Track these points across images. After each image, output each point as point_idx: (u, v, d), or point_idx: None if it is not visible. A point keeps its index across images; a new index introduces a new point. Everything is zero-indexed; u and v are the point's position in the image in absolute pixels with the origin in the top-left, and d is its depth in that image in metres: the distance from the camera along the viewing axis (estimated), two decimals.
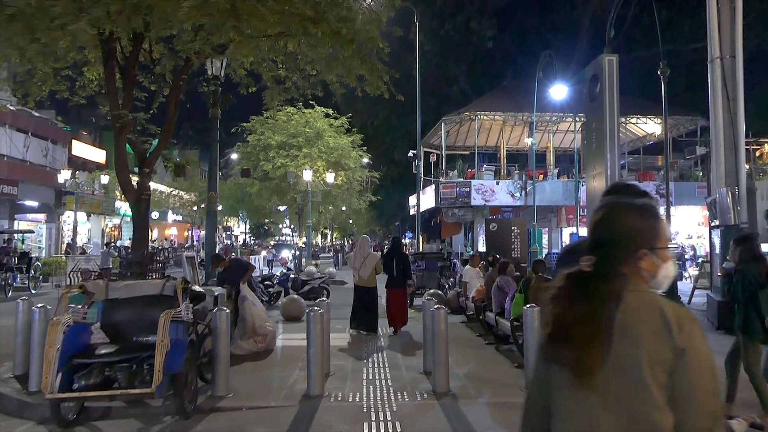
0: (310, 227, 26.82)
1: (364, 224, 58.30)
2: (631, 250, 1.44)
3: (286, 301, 11.18)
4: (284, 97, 10.78)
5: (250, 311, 8.00)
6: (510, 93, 27.77)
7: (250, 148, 26.76)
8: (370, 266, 9.48)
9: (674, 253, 1.56)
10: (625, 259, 1.44)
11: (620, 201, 1.51)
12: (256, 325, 7.88)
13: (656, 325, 1.35)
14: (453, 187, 23.48)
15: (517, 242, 11.35)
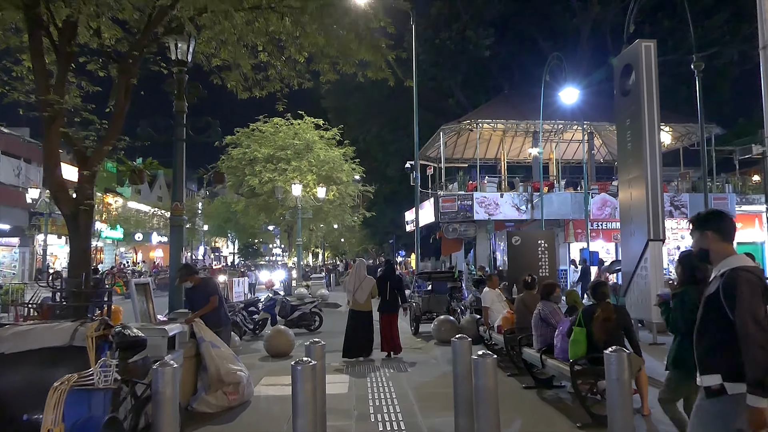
0: (300, 246, 25.00)
1: (356, 243, 56.49)
2: None
3: (271, 334, 9.33)
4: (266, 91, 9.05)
5: (210, 356, 6.16)
6: (511, 101, 26.28)
7: (235, 162, 25.03)
8: (366, 290, 9.11)
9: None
10: None
11: None
12: (222, 373, 6.06)
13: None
14: (454, 201, 21.79)
15: (545, 258, 9.62)
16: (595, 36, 33.23)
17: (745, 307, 2.62)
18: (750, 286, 2.67)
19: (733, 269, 2.74)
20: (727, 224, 2.95)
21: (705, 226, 2.96)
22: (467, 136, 27.22)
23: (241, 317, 12.31)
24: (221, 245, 72.19)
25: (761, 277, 2.72)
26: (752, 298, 2.64)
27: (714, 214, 3.03)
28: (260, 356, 9.28)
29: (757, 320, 2.59)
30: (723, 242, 2.88)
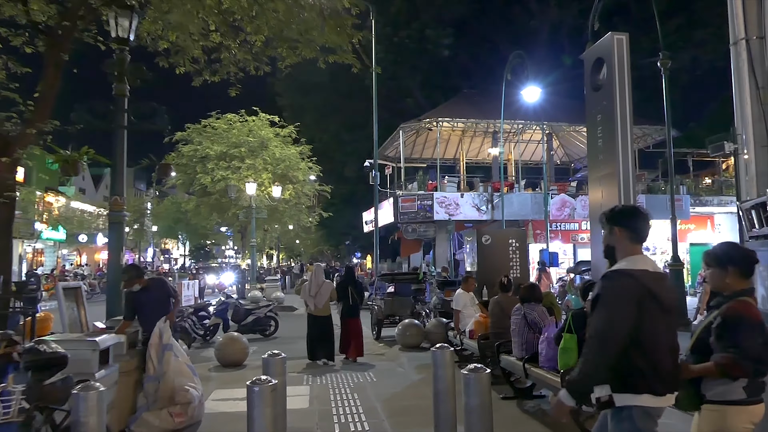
0: (254, 247, 24.06)
1: (312, 244, 55.58)
2: None
3: (223, 341, 8.55)
4: (218, 77, 8.31)
5: (170, 367, 5.42)
6: (471, 100, 26.02)
7: (186, 160, 23.91)
8: (325, 295, 9.03)
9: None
10: None
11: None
12: (176, 389, 5.31)
13: None
14: (413, 201, 21.30)
15: (516, 258, 9.14)
16: (553, 38, 33.41)
17: (598, 313, 2.47)
18: (615, 291, 2.48)
19: (607, 272, 2.58)
20: (640, 223, 2.70)
21: (615, 222, 2.73)
22: (426, 136, 26.82)
23: (191, 323, 11.44)
24: (172, 247, 69.94)
25: (645, 283, 2.49)
26: (612, 304, 2.45)
27: (627, 210, 2.82)
28: (211, 366, 8.50)
29: (603, 329, 2.43)
30: (631, 242, 2.65)
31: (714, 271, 2.89)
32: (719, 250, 2.93)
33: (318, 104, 36.92)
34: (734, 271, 2.81)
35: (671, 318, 2.57)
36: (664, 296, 2.52)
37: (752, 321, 2.69)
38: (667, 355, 2.50)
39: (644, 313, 2.44)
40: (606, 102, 9.67)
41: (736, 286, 2.81)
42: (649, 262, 2.64)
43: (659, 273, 2.63)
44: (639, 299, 2.45)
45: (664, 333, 2.50)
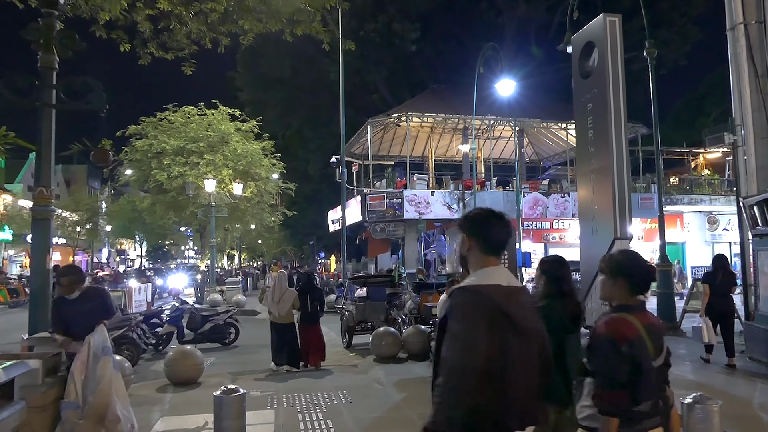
0: (213, 247, 22.78)
1: (275, 244, 54.18)
2: None
3: (173, 356, 7.43)
4: (172, 54, 7.25)
5: (105, 379, 4.42)
6: (440, 95, 25.28)
7: (140, 155, 22.50)
8: (288, 302, 8.96)
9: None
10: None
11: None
12: (109, 407, 4.29)
13: None
14: (382, 199, 20.41)
15: (505, 258, 8.27)
16: (521, 35, 32.92)
17: (446, 341, 2.12)
18: (463, 311, 2.11)
19: (452, 290, 2.25)
20: (495, 231, 2.29)
21: (465, 229, 2.33)
22: (394, 132, 26.00)
23: (140, 332, 10.28)
24: (128, 247, 67.47)
25: (495, 300, 2.11)
26: (459, 324, 2.09)
27: (480, 216, 2.34)
28: (159, 384, 7.40)
29: (457, 361, 2.04)
30: (483, 253, 2.27)
31: (604, 279, 2.69)
32: (616, 259, 2.69)
33: (280, 100, 35.72)
34: (623, 283, 2.59)
35: (529, 341, 2.15)
36: (519, 316, 2.13)
37: (615, 342, 2.43)
38: (521, 386, 2.09)
39: (494, 336, 2.05)
40: (597, 90, 8.96)
41: (621, 299, 2.60)
42: (503, 275, 2.23)
43: (514, 288, 2.21)
44: (490, 319, 2.06)
45: (519, 360, 2.09)
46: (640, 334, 2.48)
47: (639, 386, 2.43)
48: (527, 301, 2.27)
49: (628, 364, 2.43)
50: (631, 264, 2.65)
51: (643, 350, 2.48)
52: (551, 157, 29.48)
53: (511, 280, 2.23)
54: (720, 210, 24.58)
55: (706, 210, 24.49)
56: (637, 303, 2.62)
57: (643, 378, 2.44)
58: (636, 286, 2.61)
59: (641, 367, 2.44)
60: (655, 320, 2.72)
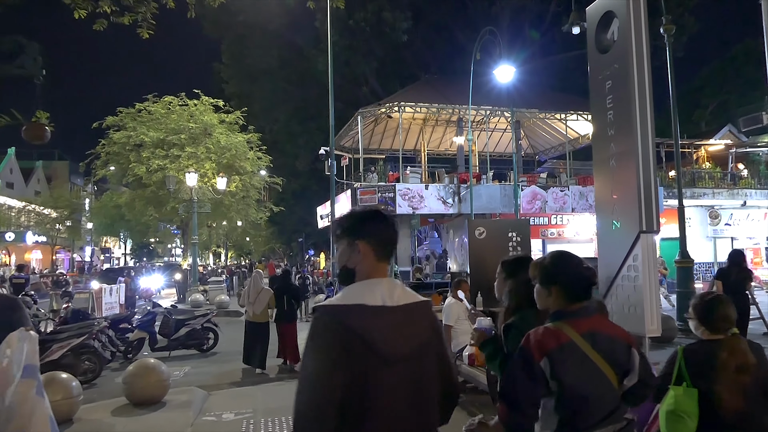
0: (196, 245, 21.65)
1: (263, 242, 53.01)
2: None
3: (133, 371, 6.30)
4: (128, 17, 6.17)
5: (27, 405, 3.38)
6: (434, 85, 24.27)
7: (118, 148, 21.33)
8: (264, 301, 9.10)
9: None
10: None
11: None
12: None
13: None
14: (374, 193, 19.36)
15: None
16: (514, 25, 31.99)
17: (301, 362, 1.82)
18: (313, 337, 1.77)
19: (314, 308, 1.87)
20: (385, 232, 1.92)
21: (357, 233, 1.91)
22: (385, 125, 24.98)
23: (105, 339, 9.19)
24: (113, 246, 66.03)
25: (351, 325, 1.73)
26: (306, 354, 1.77)
27: (368, 214, 1.97)
28: (117, 405, 6.31)
29: (299, 389, 1.75)
30: (378, 260, 1.89)
31: (538, 289, 2.38)
32: (545, 265, 2.36)
33: (267, 92, 34.58)
34: (558, 292, 2.29)
35: (400, 371, 1.78)
36: (384, 342, 1.76)
37: (528, 354, 2.14)
38: (386, 426, 1.75)
39: (348, 368, 1.71)
40: (618, 65, 7.93)
41: (558, 306, 2.28)
42: (382, 289, 1.84)
43: (387, 307, 1.80)
44: (342, 348, 1.72)
45: (386, 395, 1.74)
46: (569, 344, 2.11)
47: (567, 414, 2.10)
48: (408, 322, 1.85)
49: (542, 385, 2.10)
50: (564, 269, 2.30)
51: (574, 366, 2.11)
52: (547, 150, 28.58)
53: (392, 295, 1.84)
54: (722, 204, 23.81)
55: (707, 204, 23.70)
56: (576, 308, 2.24)
57: (571, 403, 2.09)
58: (572, 293, 2.26)
59: (567, 389, 2.08)
60: (609, 328, 2.29)
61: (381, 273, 1.91)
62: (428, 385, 1.87)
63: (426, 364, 1.87)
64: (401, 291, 1.89)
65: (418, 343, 1.85)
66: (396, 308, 1.82)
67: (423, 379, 1.84)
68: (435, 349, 1.91)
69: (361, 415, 1.73)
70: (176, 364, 9.80)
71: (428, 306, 1.97)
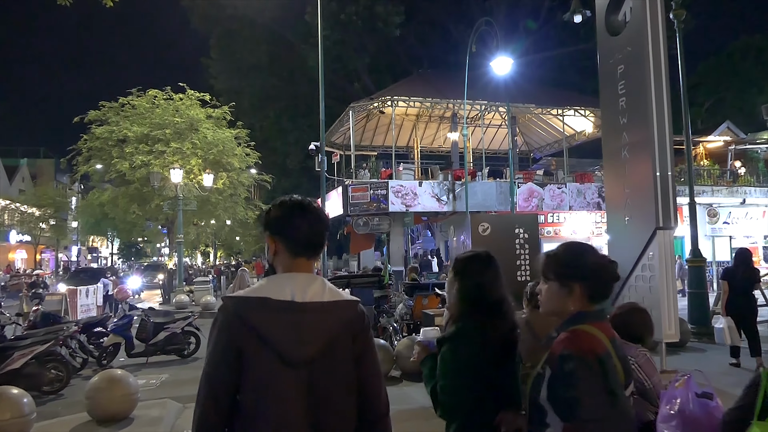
0: (181, 244, 20.90)
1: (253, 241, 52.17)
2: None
3: (96, 384, 5.55)
4: None
5: None
6: (427, 80, 23.68)
7: (100, 143, 20.55)
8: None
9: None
10: None
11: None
12: None
13: None
14: (366, 190, 18.72)
15: (525, 254, 6.57)
16: (508, 20, 31.44)
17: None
18: (212, 328, 1.72)
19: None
20: (299, 225, 1.79)
21: (268, 226, 1.84)
22: (377, 121, 24.37)
23: (75, 345, 8.49)
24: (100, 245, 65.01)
25: (248, 319, 1.65)
26: (208, 345, 1.71)
27: (281, 206, 1.84)
28: (78, 423, 5.61)
29: (201, 389, 1.67)
30: (290, 255, 1.79)
31: (550, 288, 1.92)
32: (563, 258, 1.92)
33: (256, 88, 33.84)
34: (580, 289, 1.86)
35: (312, 378, 1.65)
36: (282, 340, 1.62)
37: (586, 360, 1.71)
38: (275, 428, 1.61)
39: (247, 366, 1.62)
40: (631, 47, 7.34)
41: (580, 307, 1.86)
42: (294, 284, 1.71)
43: (294, 304, 1.67)
44: (235, 342, 1.62)
45: (288, 404, 1.62)
46: (609, 351, 1.81)
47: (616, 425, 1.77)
48: (318, 321, 1.68)
49: (604, 392, 1.74)
50: (587, 261, 1.90)
51: (616, 374, 1.82)
52: (542, 147, 28.06)
53: (304, 291, 1.70)
54: (720, 202, 23.36)
55: (706, 202, 23.23)
56: (597, 310, 1.93)
57: (621, 413, 1.79)
58: (598, 291, 1.90)
59: (618, 398, 1.78)
60: (617, 335, 1.99)
61: (300, 269, 1.79)
62: (335, 397, 1.69)
63: (337, 371, 1.70)
64: (319, 288, 1.74)
65: (329, 347, 1.69)
66: (306, 305, 1.69)
67: (330, 388, 1.68)
68: (352, 355, 1.74)
69: (251, 419, 1.63)
70: (153, 371, 9.12)
71: (352, 307, 1.79)
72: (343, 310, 1.76)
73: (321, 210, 1.88)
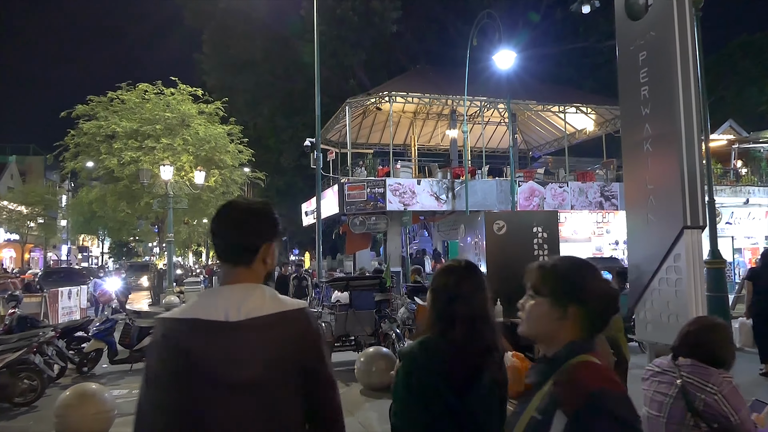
0: (171, 243, 20.24)
1: None
2: None
3: (66, 402, 4.80)
4: None
5: None
6: (425, 77, 23.13)
7: (88, 138, 19.87)
8: None
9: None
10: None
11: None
12: None
13: None
14: (362, 188, 18.14)
15: (544, 255, 6.00)
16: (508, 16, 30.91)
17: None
18: (148, 349, 1.64)
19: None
20: (221, 229, 1.69)
21: (211, 231, 1.77)
22: (373, 118, 23.83)
23: (53, 352, 7.87)
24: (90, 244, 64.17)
25: (179, 340, 1.54)
26: (145, 365, 1.64)
27: (219, 210, 1.73)
28: None
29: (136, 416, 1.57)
30: (222, 260, 1.70)
31: (541, 305, 1.56)
32: (569, 273, 1.56)
33: (250, 85, 33.17)
34: (577, 314, 1.52)
35: (255, 402, 1.51)
36: (220, 366, 1.50)
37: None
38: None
39: (176, 391, 1.49)
40: (655, 32, 6.80)
41: (574, 336, 1.52)
42: (235, 297, 1.58)
43: (230, 324, 1.53)
44: (171, 367, 1.50)
45: (232, 429, 1.49)
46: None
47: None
48: (257, 340, 1.53)
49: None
50: (593, 284, 1.53)
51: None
52: (541, 146, 27.59)
53: (240, 307, 1.54)
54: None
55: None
56: (593, 342, 1.55)
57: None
58: (599, 319, 1.54)
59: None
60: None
61: (239, 278, 1.65)
62: (282, 423, 1.54)
63: (284, 394, 1.55)
64: (257, 300, 1.59)
65: (273, 367, 1.54)
66: (240, 324, 1.54)
67: (276, 413, 1.53)
68: (302, 373, 1.57)
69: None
70: (137, 380, 8.50)
71: (299, 317, 1.63)
72: (288, 322, 1.60)
73: (253, 209, 1.68)
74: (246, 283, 1.61)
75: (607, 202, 20.37)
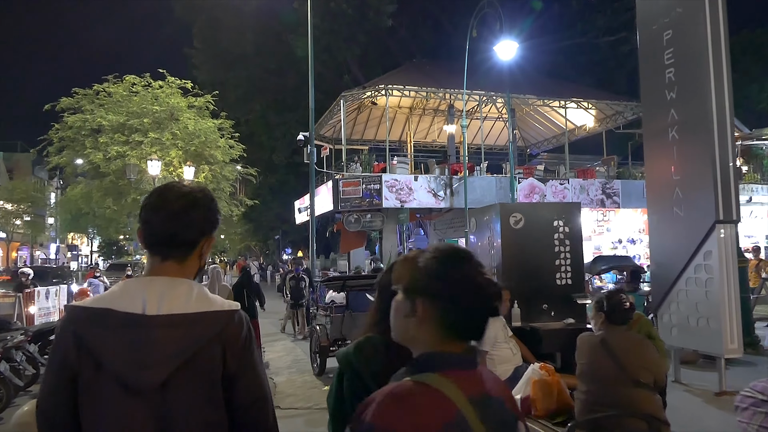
0: None
1: (238, 240, 50.83)
2: None
3: (22, 418, 4.40)
4: None
5: None
6: (422, 70, 22.58)
7: (73, 132, 19.16)
8: (222, 297, 5.38)
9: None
10: None
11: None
12: None
13: None
14: (358, 185, 17.53)
15: (566, 250, 5.34)
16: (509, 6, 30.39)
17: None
18: (54, 340, 1.53)
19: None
20: (149, 220, 1.55)
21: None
22: (368, 113, 23.27)
23: (23, 358, 7.23)
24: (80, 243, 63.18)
25: (86, 338, 1.41)
26: (49, 355, 1.54)
27: (147, 198, 1.63)
28: None
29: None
30: (149, 253, 1.57)
31: (397, 299, 1.33)
32: (423, 258, 1.33)
33: (242, 80, 32.50)
34: (432, 313, 1.24)
35: (163, 409, 1.37)
36: (126, 363, 1.36)
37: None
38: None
39: (84, 394, 1.37)
40: (682, 8, 6.26)
41: (428, 344, 1.24)
42: (156, 289, 1.45)
43: (145, 317, 1.40)
44: (73, 368, 1.38)
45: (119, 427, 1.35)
46: (457, 421, 1.11)
47: None
48: (173, 339, 1.39)
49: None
50: (447, 271, 1.24)
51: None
52: (539, 143, 27.09)
53: (160, 300, 1.41)
54: None
55: None
56: (461, 351, 1.22)
57: None
58: (463, 320, 1.23)
59: None
60: (497, 387, 1.26)
61: (160, 271, 1.50)
62: (196, 430, 1.38)
63: (199, 399, 1.39)
64: (182, 296, 1.44)
65: (187, 369, 1.38)
66: (156, 319, 1.39)
67: (188, 419, 1.37)
68: (224, 376, 1.41)
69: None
70: None
71: (224, 317, 1.47)
72: (210, 322, 1.46)
73: (194, 197, 1.54)
74: (173, 278, 1.48)
75: (608, 200, 19.88)
